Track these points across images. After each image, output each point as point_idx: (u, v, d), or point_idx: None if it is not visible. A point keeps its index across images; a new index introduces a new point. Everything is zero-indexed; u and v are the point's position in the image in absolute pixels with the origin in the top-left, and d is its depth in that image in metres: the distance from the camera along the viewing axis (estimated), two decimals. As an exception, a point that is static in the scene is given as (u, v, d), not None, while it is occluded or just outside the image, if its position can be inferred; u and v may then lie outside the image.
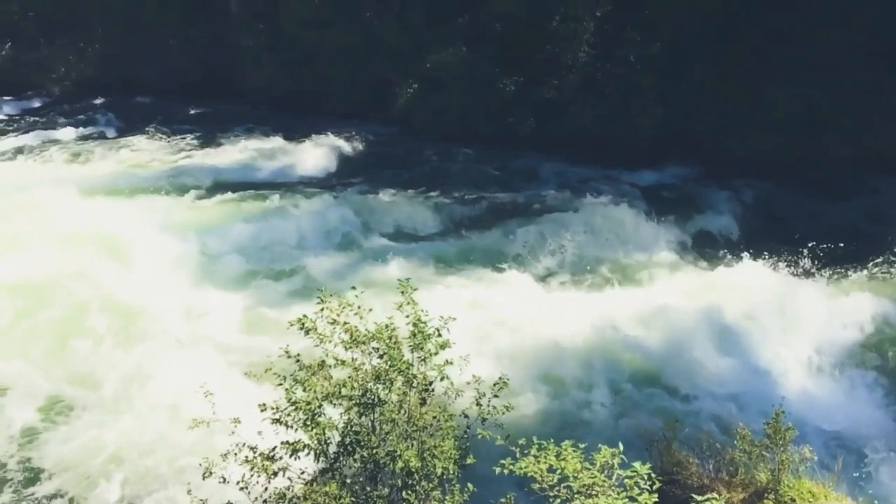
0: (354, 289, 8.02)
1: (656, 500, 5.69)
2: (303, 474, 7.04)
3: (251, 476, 6.90)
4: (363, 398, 7.02)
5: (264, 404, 7.10)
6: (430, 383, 7.25)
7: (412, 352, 7.31)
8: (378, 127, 29.44)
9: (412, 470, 6.63)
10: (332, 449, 7.01)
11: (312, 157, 26.52)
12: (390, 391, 7.14)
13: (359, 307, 7.60)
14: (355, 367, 7.28)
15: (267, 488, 6.94)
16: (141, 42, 35.66)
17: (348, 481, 6.90)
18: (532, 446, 6.10)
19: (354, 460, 6.96)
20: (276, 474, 6.91)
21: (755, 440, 8.69)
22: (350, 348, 7.36)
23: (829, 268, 17.24)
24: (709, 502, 5.57)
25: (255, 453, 6.93)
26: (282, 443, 7.03)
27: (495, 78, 27.34)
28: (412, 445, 6.79)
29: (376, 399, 7.04)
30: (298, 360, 7.29)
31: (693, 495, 5.86)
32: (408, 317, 7.50)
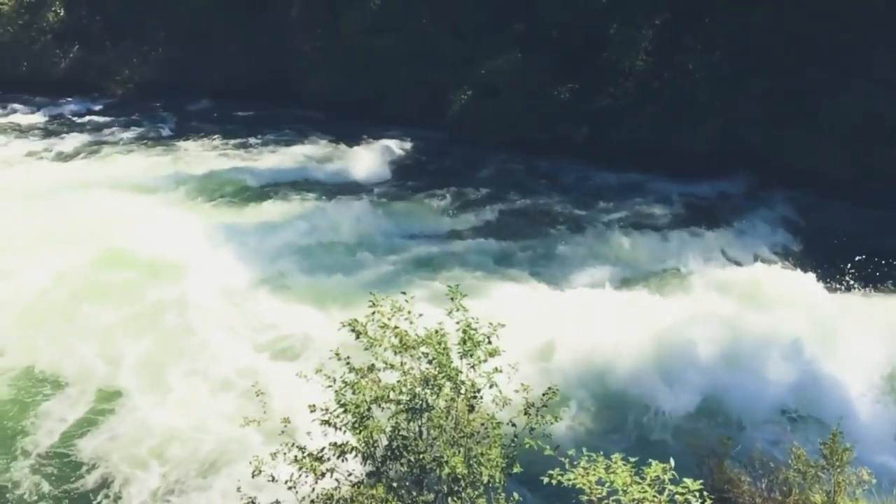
0: (405, 293, 8.04)
1: (707, 517, 5.57)
2: (350, 476, 7.08)
3: (299, 476, 6.97)
4: (411, 403, 7.03)
5: (314, 405, 7.16)
6: (479, 390, 7.22)
7: (461, 358, 7.30)
8: (431, 133, 29.56)
9: (458, 476, 6.61)
10: (380, 452, 7.03)
11: (365, 161, 26.77)
12: (438, 397, 7.14)
13: (409, 312, 7.62)
14: (404, 372, 7.30)
15: (314, 489, 7.00)
16: (201, 46, 36.45)
17: (395, 485, 6.91)
18: (581, 458, 6.02)
19: (401, 464, 6.97)
20: (323, 475, 6.96)
21: (810, 460, 8.47)
22: (399, 353, 7.38)
23: (888, 286, 16.71)
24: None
25: (304, 453, 6.99)
26: (330, 444, 7.08)
27: (550, 85, 27.24)
28: (459, 452, 6.76)
29: (424, 404, 7.03)
30: (349, 363, 7.34)
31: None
32: (457, 323, 7.49)
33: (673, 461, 5.83)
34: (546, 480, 5.98)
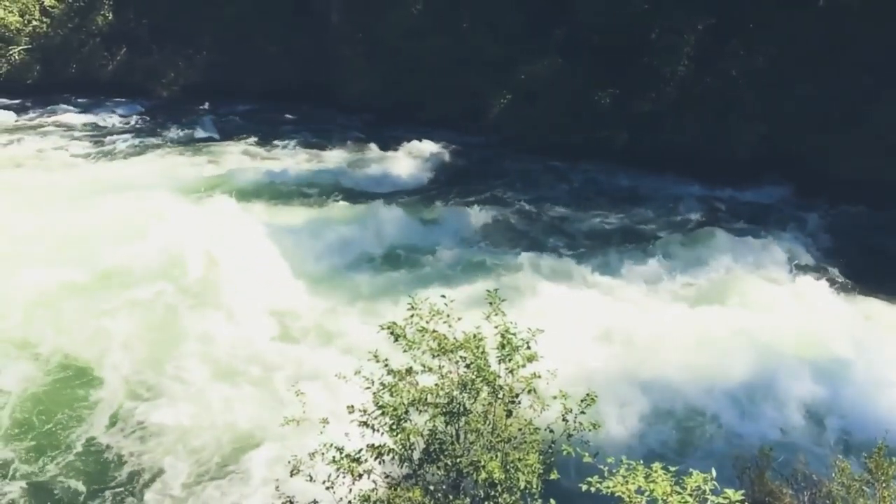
0: (444, 297, 8.06)
1: (748, 528, 5.49)
2: (387, 478, 7.11)
3: (336, 476, 7.01)
4: (449, 406, 7.04)
5: (352, 406, 7.22)
6: (517, 395, 7.21)
7: (499, 363, 7.30)
8: (470, 137, 29.58)
9: (495, 481, 6.61)
10: (417, 455, 7.06)
11: (404, 165, 26.89)
12: (476, 401, 7.14)
13: (448, 315, 7.64)
14: (442, 375, 7.32)
15: (351, 489, 7.04)
16: (244, 50, 36.92)
17: (431, 488, 6.94)
18: (620, 466, 5.97)
19: (438, 468, 6.98)
20: (361, 476, 7.00)
21: (855, 474, 8.28)
22: (437, 356, 7.40)
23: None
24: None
25: (342, 454, 7.04)
26: (367, 445, 7.12)
27: (590, 90, 27.09)
28: (496, 457, 6.76)
29: (462, 408, 7.05)
30: (387, 365, 7.38)
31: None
32: (496, 327, 7.50)
33: (714, 471, 5.76)
34: (584, 488, 5.94)
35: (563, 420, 7.04)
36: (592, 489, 5.89)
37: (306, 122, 33.43)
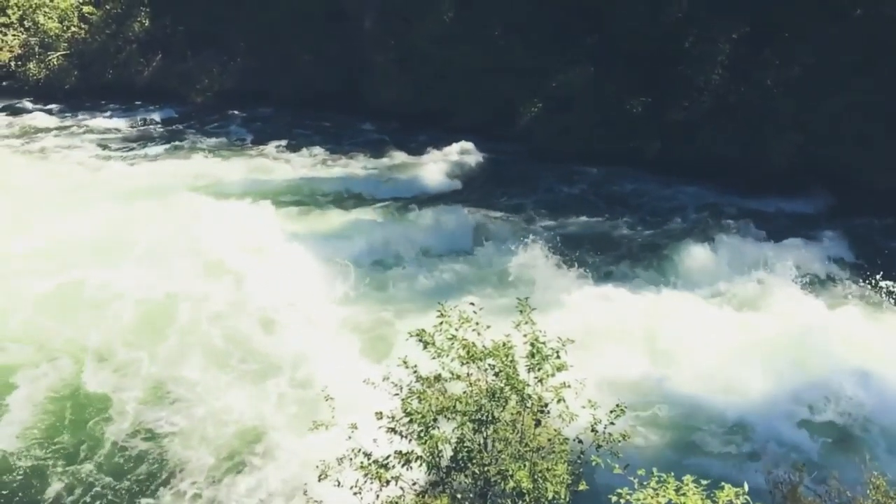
0: (473, 304, 8.05)
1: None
2: (414, 485, 7.10)
3: (364, 482, 7.02)
4: (477, 414, 7.02)
5: (381, 412, 7.22)
6: (546, 405, 7.17)
7: (528, 372, 7.26)
8: (501, 144, 29.53)
9: (523, 491, 6.57)
10: (444, 463, 7.05)
11: (434, 172, 26.92)
12: (504, 409, 7.11)
13: (477, 323, 7.63)
14: (470, 383, 7.30)
15: (378, 496, 7.04)
16: (278, 57, 37.31)
17: (459, 496, 6.92)
18: (651, 478, 5.90)
19: (465, 476, 6.97)
20: (388, 483, 7.01)
21: (890, 491, 8.11)
22: (466, 363, 7.39)
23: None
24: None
25: (370, 460, 7.05)
26: (395, 452, 7.12)
27: (622, 98, 26.96)
28: (524, 466, 6.73)
29: (490, 416, 7.02)
30: (416, 372, 7.38)
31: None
32: (525, 336, 7.46)
33: (746, 485, 5.67)
34: (614, 500, 5.88)
35: (593, 431, 6.98)
36: (622, 501, 5.83)
37: (338, 129, 33.67)
